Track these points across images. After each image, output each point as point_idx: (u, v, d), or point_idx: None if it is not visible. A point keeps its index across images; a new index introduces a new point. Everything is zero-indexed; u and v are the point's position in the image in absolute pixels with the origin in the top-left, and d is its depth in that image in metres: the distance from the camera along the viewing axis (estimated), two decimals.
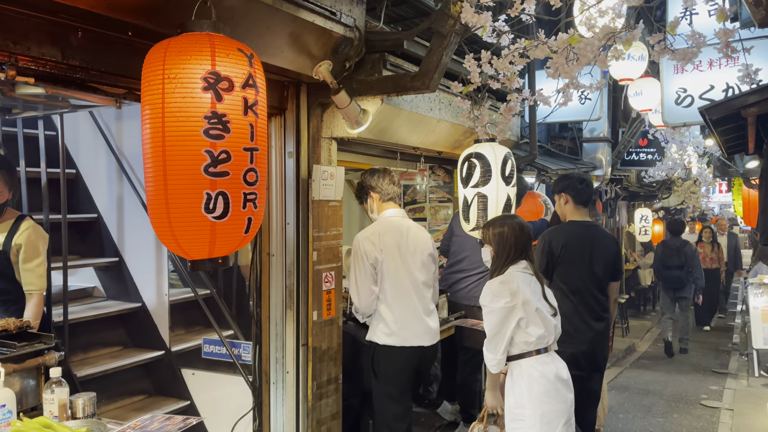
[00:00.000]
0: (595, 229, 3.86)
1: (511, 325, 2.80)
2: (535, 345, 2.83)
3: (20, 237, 2.98)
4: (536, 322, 2.81)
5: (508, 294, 2.80)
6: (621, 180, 9.61)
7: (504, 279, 2.87)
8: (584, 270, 3.68)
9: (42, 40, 2.11)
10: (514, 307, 2.80)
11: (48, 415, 2.21)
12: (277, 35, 2.69)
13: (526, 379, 2.83)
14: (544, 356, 2.86)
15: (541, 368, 2.83)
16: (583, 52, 2.42)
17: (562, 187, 3.86)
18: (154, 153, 1.91)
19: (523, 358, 2.85)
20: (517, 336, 2.83)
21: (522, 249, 2.93)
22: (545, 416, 2.80)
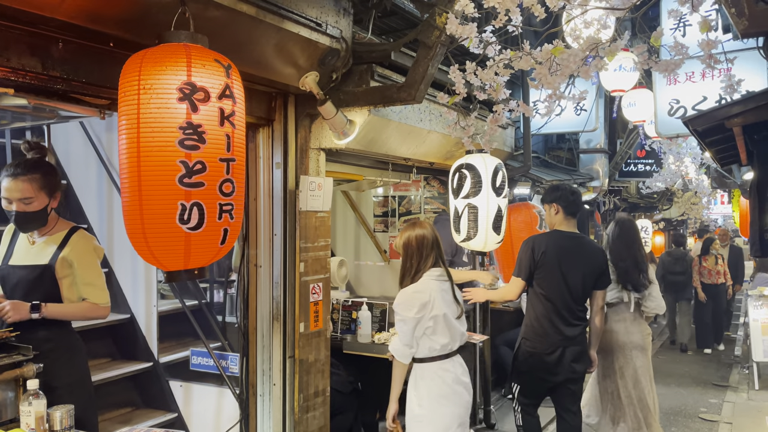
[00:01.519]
0: (579, 240, 3.88)
1: (419, 333, 2.95)
2: (438, 352, 2.98)
3: (71, 252, 2.74)
4: (443, 332, 2.96)
5: (418, 305, 2.91)
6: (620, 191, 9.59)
7: (417, 288, 2.97)
8: (560, 278, 3.74)
9: (22, 51, 2.12)
10: (422, 317, 2.92)
11: (25, 428, 2.19)
12: (261, 46, 2.69)
13: (427, 382, 2.99)
14: (446, 361, 3.01)
15: (441, 373, 2.99)
16: (566, 63, 2.41)
17: (554, 197, 3.88)
18: (129, 163, 1.90)
19: (426, 362, 3.00)
20: (423, 342, 2.97)
21: (434, 257, 3.03)
22: (443, 417, 2.97)
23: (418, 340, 2.96)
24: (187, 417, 3.82)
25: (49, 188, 2.72)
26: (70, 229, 2.83)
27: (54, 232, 2.81)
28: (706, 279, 9.61)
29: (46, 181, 2.70)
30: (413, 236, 3.04)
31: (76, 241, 2.80)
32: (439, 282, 3.00)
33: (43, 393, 2.22)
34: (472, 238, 3.67)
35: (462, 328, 3.08)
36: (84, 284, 2.77)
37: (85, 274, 2.78)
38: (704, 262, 9.66)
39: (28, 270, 2.75)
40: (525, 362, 3.84)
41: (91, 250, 2.84)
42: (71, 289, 2.78)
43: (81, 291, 2.77)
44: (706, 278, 9.62)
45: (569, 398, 3.89)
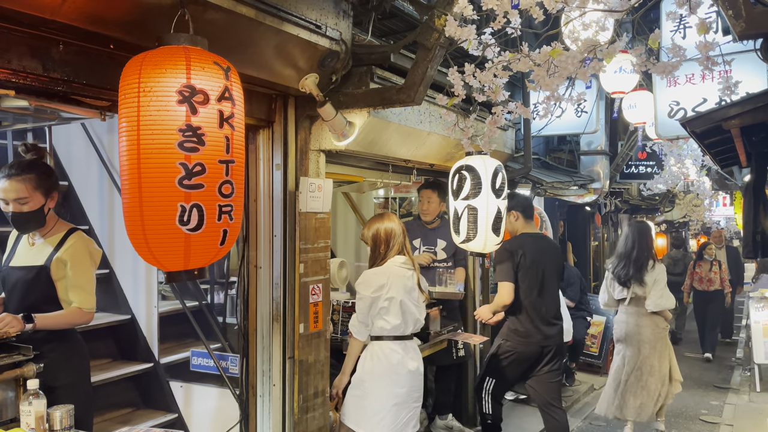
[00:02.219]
0: (546, 239, 4.38)
1: (373, 312, 3.26)
2: (389, 332, 3.27)
3: (65, 252, 2.76)
4: (395, 314, 3.26)
5: (375, 285, 3.24)
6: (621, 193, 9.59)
7: (377, 271, 3.30)
8: (540, 277, 4.11)
9: (22, 52, 2.13)
10: (378, 297, 3.24)
11: (25, 427, 2.20)
12: (261, 48, 2.70)
13: (373, 359, 3.29)
14: (395, 343, 3.30)
15: (388, 352, 3.27)
16: (564, 65, 2.42)
17: (513, 205, 4.23)
18: (129, 165, 1.92)
19: (378, 340, 3.31)
20: (376, 321, 3.27)
21: (399, 246, 3.35)
22: (379, 395, 3.24)
23: (373, 319, 3.26)
24: (188, 417, 3.83)
25: (45, 188, 2.72)
26: (68, 230, 2.84)
27: (53, 233, 2.82)
28: (698, 285, 9.37)
29: (41, 182, 2.71)
30: (382, 228, 3.37)
31: (73, 242, 2.80)
32: (401, 269, 3.31)
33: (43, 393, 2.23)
34: (471, 239, 3.68)
35: (419, 315, 3.37)
36: (72, 286, 2.76)
37: (76, 276, 2.77)
38: (698, 268, 9.40)
39: (25, 271, 2.77)
40: (506, 360, 4.14)
41: (86, 253, 2.84)
42: (66, 290, 2.79)
43: (69, 292, 2.76)
44: (698, 284, 9.39)
45: (552, 393, 4.22)
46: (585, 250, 9.36)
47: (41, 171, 2.74)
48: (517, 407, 6.06)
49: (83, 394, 2.75)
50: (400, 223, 3.41)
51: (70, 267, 2.75)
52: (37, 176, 2.70)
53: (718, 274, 9.26)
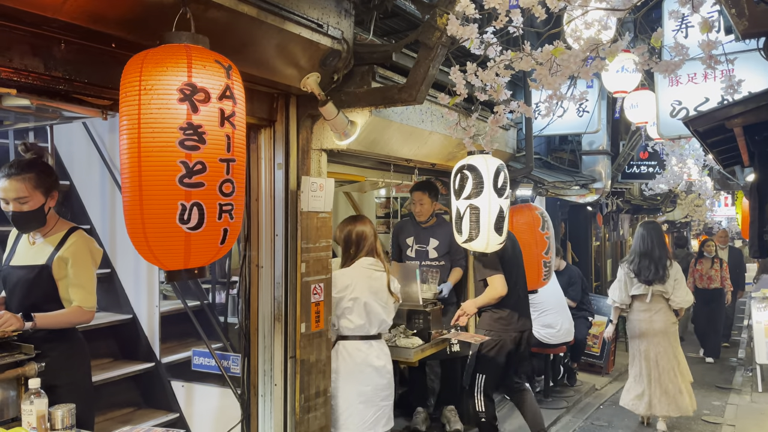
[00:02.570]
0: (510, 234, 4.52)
1: (339, 312, 3.38)
2: (353, 331, 3.38)
3: (66, 251, 2.75)
4: (359, 314, 3.36)
5: (340, 286, 3.38)
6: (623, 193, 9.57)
7: (345, 272, 3.42)
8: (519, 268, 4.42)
9: (24, 51, 2.13)
10: (342, 297, 3.37)
11: (26, 427, 2.20)
12: (263, 47, 2.70)
13: (339, 357, 3.41)
14: (360, 342, 3.39)
15: (353, 351, 3.38)
16: (566, 64, 2.41)
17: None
18: (130, 163, 1.92)
19: (343, 340, 3.42)
20: (341, 320, 3.39)
21: (368, 248, 3.45)
22: (347, 393, 3.35)
23: (339, 318, 3.38)
24: (189, 417, 3.82)
25: (45, 187, 2.72)
26: (69, 229, 2.84)
27: (53, 232, 2.81)
28: (699, 283, 9.07)
29: (41, 181, 2.70)
30: (354, 230, 3.48)
31: (74, 241, 2.80)
32: (368, 270, 3.42)
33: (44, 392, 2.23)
34: (474, 239, 3.67)
35: (385, 316, 3.44)
36: (73, 285, 2.76)
37: (77, 275, 2.77)
38: (698, 265, 9.14)
39: (26, 270, 2.76)
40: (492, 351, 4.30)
41: (87, 252, 2.83)
42: (68, 290, 2.78)
43: (69, 291, 2.75)
44: (698, 282, 9.09)
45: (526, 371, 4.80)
46: (586, 250, 9.34)
47: (41, 170, 2.74)
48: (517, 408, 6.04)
49: (84, 393, 2.75)
50: (372, 226, 3.56)
51: (71, 266, 2.75)
52: (36, 175, 2.70)
53: (719, 272, 9.03)
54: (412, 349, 3.95)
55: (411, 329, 4.21)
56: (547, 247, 5.23)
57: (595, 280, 9.74)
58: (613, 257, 11.08)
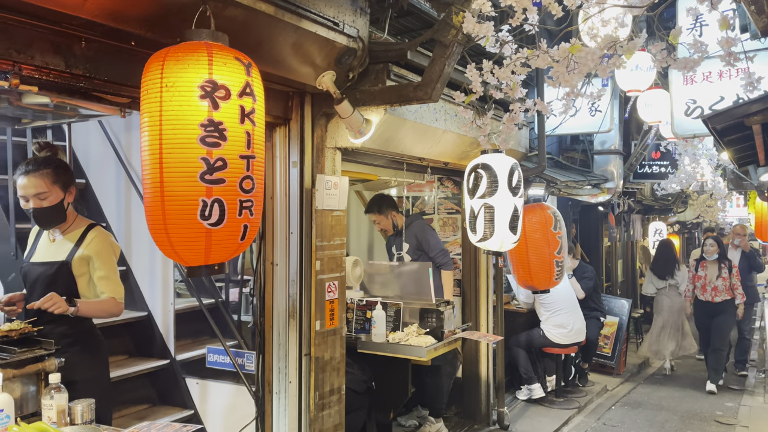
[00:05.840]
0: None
1: None
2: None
3: (88, 248, 2.77)
4: None
5: None
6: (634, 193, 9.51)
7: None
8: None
9: (45, 49, 2.15)
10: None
11: (47, 421, 2.22)
12: (279, 45, 2.71)
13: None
14: None
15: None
16: (584, 61, 2.41)
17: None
18: (151, 160, 1.93)
19: None
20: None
21: None
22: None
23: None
24: (203, 414, 3.84)
25: (63, 183, 2.75)
26: (87, 226, 2.86)
27: (72, 229, 2.84)
28: (701, 293, 7.26)
29: (58, 176, 2.74)
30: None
31: (93, 237, 2.82)
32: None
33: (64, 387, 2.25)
34: (488, 238, 3.66)
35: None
36: (100, 278, 2.79)
37: (104, 268, 2.80)
38: (701, 270, 7.29)
39: (46, 266, 2.79)
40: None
41: (108, 246, 2.86)
42: (88, 287, 2.80)
43: (99, 285, 2.79)
44: (700, 292, 7.27)
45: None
46: (597, 251, 9.30)
47: (57, 166, 2.78)
48: (530, 407, 6.03)
49: (103, 389, 2.77)
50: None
51: (96, 260, 2.78)
52: (54, 171, 2.73)
53: (728, 281, 7.11)
54: (425, 348, 3.95)
55: (423, 328, 4.21)
56: (559, 246, 5.21)
57: (606, 281, 9.69)
58: (624, 258, 11.02)
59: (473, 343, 5.25)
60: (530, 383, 6.11)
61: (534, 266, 4.86)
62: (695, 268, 7.44)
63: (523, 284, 5.10)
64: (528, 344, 6.17)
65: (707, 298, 7.22)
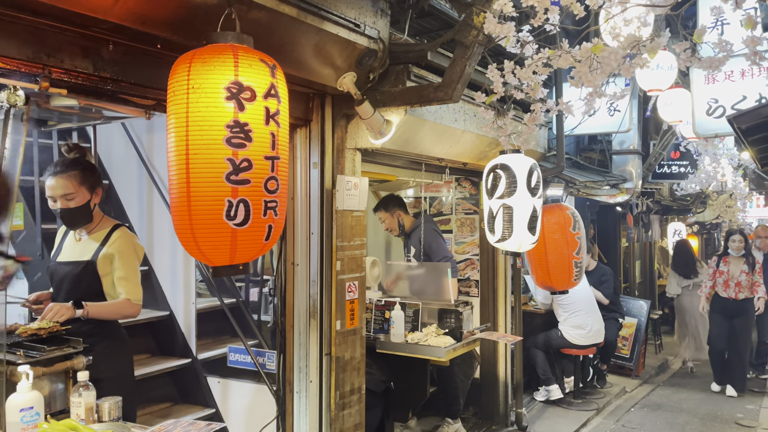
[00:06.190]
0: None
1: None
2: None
3: (112, 247, 2.83)
4: None
5: None
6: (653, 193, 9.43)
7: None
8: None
9: (74, 52, 2.19)
10: None
11: (75, 418, 2.25)
12: (301, 47, 2.73)
13: None
14: None
15: None
16: (607, 61, 2.40)
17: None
18: (177, 161, 1.95)
19: None
20: None
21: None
22: None
23: None
24: (225, 412, 3.87)
25: (89, 184, 2.81)
26: (113, 226, 2.91)
27: (98, 229, 2.89)
28: (722, 290, 6.92)
29: (85, 177, 2.79)
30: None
31: (117, 237, 2.87)
32: None
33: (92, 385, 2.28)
34: (507, 238, 3.65)
35: None
36: (119, 278, 2.83)
37: (123, 268, 2.84)
38: (723, 265, 6.93)
39: (72, 266, 2.84)
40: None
41: (131, 247, 2.91)
42: (113, 286, 2.85)
43: (117, 285, 2.83)
44: (722, 289, 6.93)
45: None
46: (615, 252, 9.23)
47: (85, 167, 2.83)
48: (548, 408, 6.01)
49: (128, 387, 2.81)
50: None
51: (117, 260, 2.82)
52: (81, 172, 2.79)
53: (751, 277, 6.84)
54: (444, 348, 3.95)
55: (442, 328, 4.21)
56: (578, 247, 5.18)
57: (623, 282, 9.61)
58: (642, 259, 10.92)
59: (491, 344, 5.24)
60: (548, 384, 6.08)
61: (553, 267, 4.84)
62: (716, 263, 7.01)
63: (542, 285, 5.07)
64: (546, 345, 6.15)
65: (730, 294, 6.87)
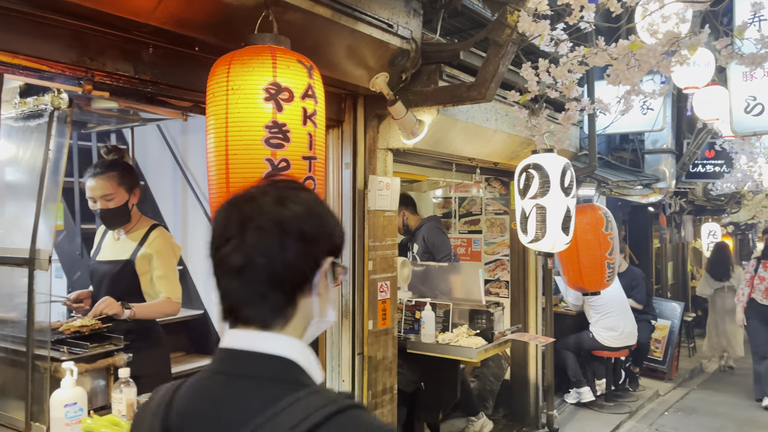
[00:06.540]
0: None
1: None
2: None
3: (150, 246, 2.88)
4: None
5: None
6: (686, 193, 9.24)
7: None
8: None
9: (116, 56, 2.24)
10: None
11: (116, 414, 2.30)
12: (335, 48, 2.75)
13: None
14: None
15: None
16: (645, 59, 2.37)
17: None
18: (217, 161, 1.99)
19: None
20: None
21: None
22: None
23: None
24: None
25: (127, 185, 2.86)
26: (150, 226, 2.97)
27: (136, 229, 2.95)
28: (761, 297, 6.50)
29: (124, 178, 2.85)
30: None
31: (155, 236, 2.93)
32: None
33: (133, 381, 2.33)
34: (540, 239, 3.62)
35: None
36: (158, 277, 2.88)
37: (162, 268, 2.89)
38: (763, 270, 6.52)
39: (111, 265, 2.90)
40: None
41: (169, 246, 2.96)
42: (150, 285, 2.90)
43: (157, 284, 2.88)
44: (761, 296, 6.50)
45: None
46: (647, 253, 9.07)
47: (123, 168, 2.90)
48: (579, 411, 5.94)
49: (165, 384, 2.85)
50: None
51: (156, 260, 2.87)
52: (119, 173, 2.86)
53: None
54: (475, 348, 3.93)
55: (473, 329, 4.19)
56: (611, 247, 5.11)
57: (655, 283, 9.44)
58: (674, 260, 10.72)
59: (521, 346, 5.20)
60: (579, 386, 6.01)
61: (585, 268, 4.79)
62: (755, 268, 6.60)
63: (573, 286, 5.02)
64: (577, 347, 6.07)
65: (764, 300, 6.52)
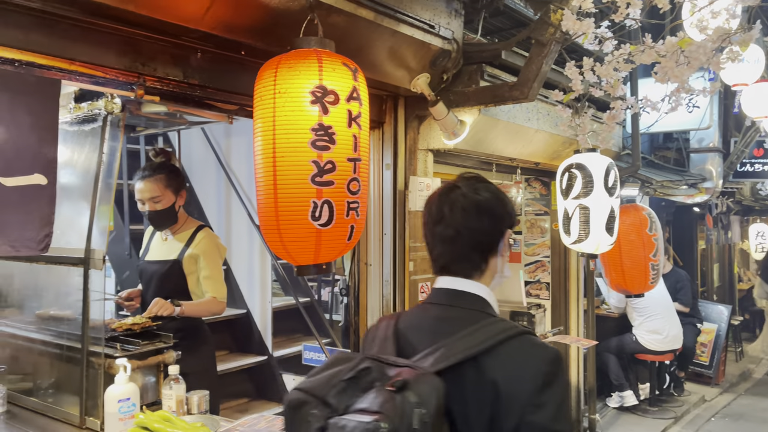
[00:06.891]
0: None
1: None
2: None
3: (197, 247, 2.96)
4: None
5: None
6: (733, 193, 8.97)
7: None
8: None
9: (166, 61, 2.30)
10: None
11: (167, 410, 2.36)
12: (377, 50, 2.76)
13: None
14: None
15: None
16: (695, 55, 2.31)
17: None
18: (264, 164, 2.02)
19: None
20: None
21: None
22: None
23: None
24: None
25: (174, 187, 2.94)
26: (197, 227, 3.04)
27: (183, 230, 3.02)
28: None
29: (171, 181, 2.93)
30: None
31: (202, 237, 3.00)
32: None
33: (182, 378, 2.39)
34: (583, 240, 3.57)
35: None
36: (205, 277, 2.96)
37: (209, 268, 2.96)
38: None
39: (159, 264, 2.98)
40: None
41: (215, 247, 3.03)
42: (197, 284, 2.97)
43: (203, 284, 2.96)
44: None
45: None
46: (692, 254, 8.83)
47: (170, 171, 2.98)
48: (622, 415, 5.83)
49: (212, 381, 2.92)
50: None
51: (202, 260, 2.95)
52: (166, 176, 2.94)
53: None
54: None
55: None
56: (655, 249, 5.00)
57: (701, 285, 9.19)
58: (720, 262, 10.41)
59: (562, 348, 5.12)
60: (621, 390, 5.90)
61: (628, 269, 4.70)
62: None
63: (616, 288, 4.93)
64: (619, 350, 5.96)
65: None
